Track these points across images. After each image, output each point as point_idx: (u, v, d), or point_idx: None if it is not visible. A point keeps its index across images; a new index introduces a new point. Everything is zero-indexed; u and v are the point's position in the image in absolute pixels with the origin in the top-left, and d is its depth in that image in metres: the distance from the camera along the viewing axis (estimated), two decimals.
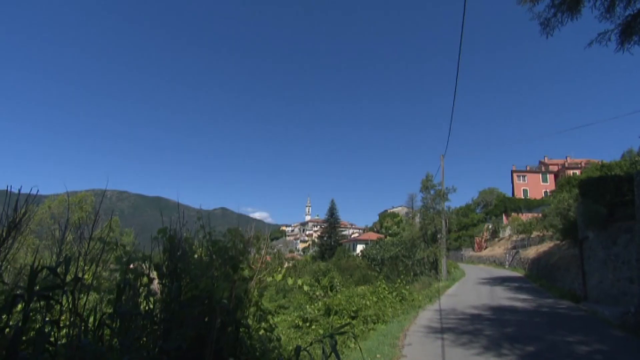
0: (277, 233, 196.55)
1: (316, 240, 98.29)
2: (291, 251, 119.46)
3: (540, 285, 15.35)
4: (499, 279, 19.13)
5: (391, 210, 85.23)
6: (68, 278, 1.91)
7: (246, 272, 3.05)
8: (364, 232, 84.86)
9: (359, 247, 47.15)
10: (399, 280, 13.47)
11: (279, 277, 3.47)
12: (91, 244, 2.17)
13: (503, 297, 11.93)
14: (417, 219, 31.08)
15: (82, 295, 2.02)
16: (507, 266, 29.06)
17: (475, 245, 44.40)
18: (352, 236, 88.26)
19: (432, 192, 21.51)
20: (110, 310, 2.13)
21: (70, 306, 1.93)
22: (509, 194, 54.72)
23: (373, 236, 52.63)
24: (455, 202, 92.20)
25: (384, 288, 12.36)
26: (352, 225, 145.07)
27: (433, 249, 19.89)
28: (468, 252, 44.38)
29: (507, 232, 41.54)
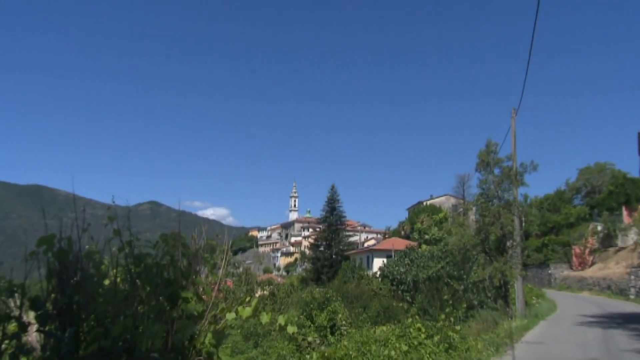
0: (243, 241, 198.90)
1: (307, 251, 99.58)
2: (267, 270, 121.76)
3: None
4: (619, 317, 19.34)
5: (429, 202, 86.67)
6: None
7: (192, 306, 3.10)
8: (384, 237, 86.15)
9: (378, 262, 47.92)
10: (442, 317, 13.67)
11: (248, 312, 3.52)
12: None
13: (629, 348, 11.88)
14: (472, 216, 31.22)
15: None
16: (632, 296, 29.64)
17: (574, 259, 44.73)
18: (366, 244, 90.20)
19: (496, 171, 21.31)
20: None
21: None
22: (635, 174, 54.90)
23: (399, 244, 53.32)
24: (537, 187, 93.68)
25: (420, 329, 12.56)
26: (365, 227, 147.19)
27: (499, 265, 19.97)
28: (560, 271, 45.11)
29: (632, 237, 41.32)
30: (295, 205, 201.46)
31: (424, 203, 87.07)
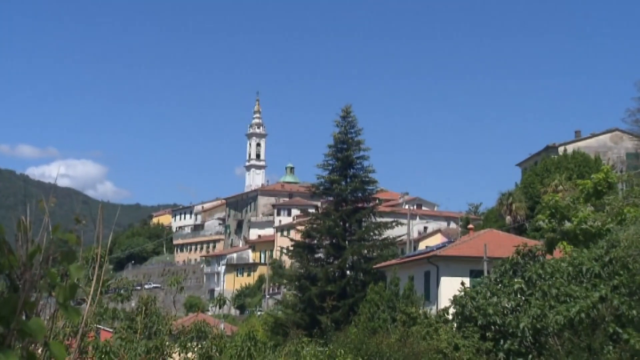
0: (139, 238, 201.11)
1: (287, 259, 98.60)
2: (196, 304, 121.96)
3: None
4: None
5: (572, 147, 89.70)
6: None
7: None
8: (464, 228, 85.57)
9: (450, 285, 48.31)
10: None
11: None
12: None
13: None
14: None
15: None
16: None
17: None
18: (424, 245, 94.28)
19: None
20: None
21: None
22: None
23: (499, 243, 53.81)
24: None
25: None
26: (419, 206, 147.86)
27: None
28: None
29: None
30: (258, 155, 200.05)
31: (560, 149, 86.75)
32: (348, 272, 69.80)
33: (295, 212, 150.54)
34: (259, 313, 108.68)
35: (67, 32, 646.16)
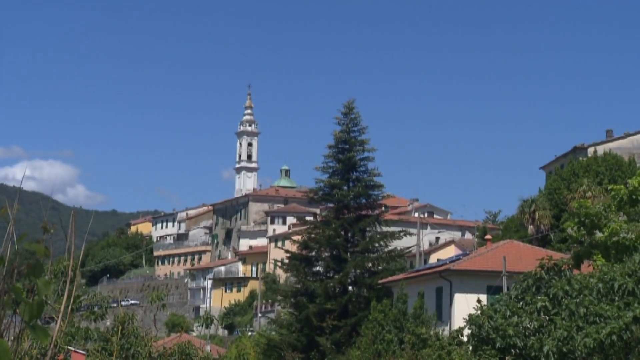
0: (115, 249, 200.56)
1: (282, 273, 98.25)
2: (178, 323, 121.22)
3: None
4: None
5: (604, 148, 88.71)
6: None
7: None
8: (481, 239, 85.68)
9: (464, 303, 48.22)
10: None
11: None
12: None
13: None
14: None
15: None
16: None
17: None
18: (436, 258, 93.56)
19: None
20: None
21: None
22: None
23: (519, 255, 53.68)
24: None
25: None
26: (431, 214, 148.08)
27: None
28: None
29: None
30: (250, 156, 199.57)
31: (590, 151, 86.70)
32: (350, 287, 69.56)
33: (291, 220, 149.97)
34: (250, 333, 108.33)
35: (33, 17, 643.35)
